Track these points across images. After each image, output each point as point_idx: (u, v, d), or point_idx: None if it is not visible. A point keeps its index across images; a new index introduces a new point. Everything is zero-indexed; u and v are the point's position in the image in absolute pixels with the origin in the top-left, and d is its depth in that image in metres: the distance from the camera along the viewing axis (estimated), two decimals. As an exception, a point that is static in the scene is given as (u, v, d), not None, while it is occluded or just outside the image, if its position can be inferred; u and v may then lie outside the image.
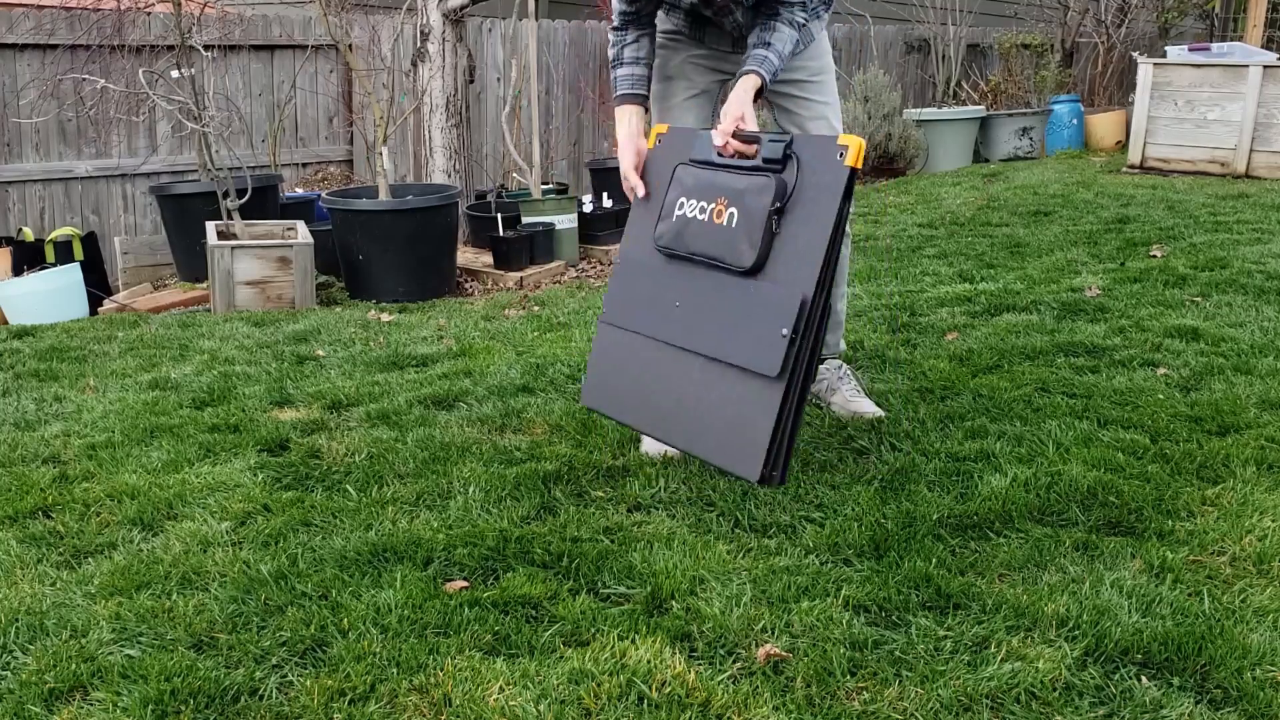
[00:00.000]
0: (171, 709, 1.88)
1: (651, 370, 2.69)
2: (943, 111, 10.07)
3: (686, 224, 2.68)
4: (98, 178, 6.92)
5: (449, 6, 6.61)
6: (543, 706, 1.87)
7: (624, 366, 2.77)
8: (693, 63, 3.11)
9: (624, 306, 2.79)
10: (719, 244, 2.60)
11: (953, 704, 1.87)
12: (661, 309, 2.69)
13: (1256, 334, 3.97)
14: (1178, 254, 5.45)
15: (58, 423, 3.45)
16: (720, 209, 2.61)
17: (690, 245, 2.66)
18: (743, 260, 2.54)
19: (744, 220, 2.56)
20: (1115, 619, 2.09)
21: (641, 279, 2.77)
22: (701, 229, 2.64)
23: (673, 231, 2.70)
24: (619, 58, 2.99)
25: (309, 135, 7.88)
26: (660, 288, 2.71)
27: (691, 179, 2.71)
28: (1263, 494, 2.64)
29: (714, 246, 2.61)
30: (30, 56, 6.56)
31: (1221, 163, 8.52)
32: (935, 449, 2.95)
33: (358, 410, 3.47)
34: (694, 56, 3.11)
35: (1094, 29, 11.54)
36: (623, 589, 2.26)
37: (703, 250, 2.63)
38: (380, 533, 2.53)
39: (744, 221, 2.56)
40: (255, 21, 7.36)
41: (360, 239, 5.70)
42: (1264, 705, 1.86)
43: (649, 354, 2.71)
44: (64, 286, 5.81)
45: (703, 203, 2.65)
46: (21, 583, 2.36)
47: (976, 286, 4.91)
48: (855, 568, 2.33)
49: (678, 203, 2.70)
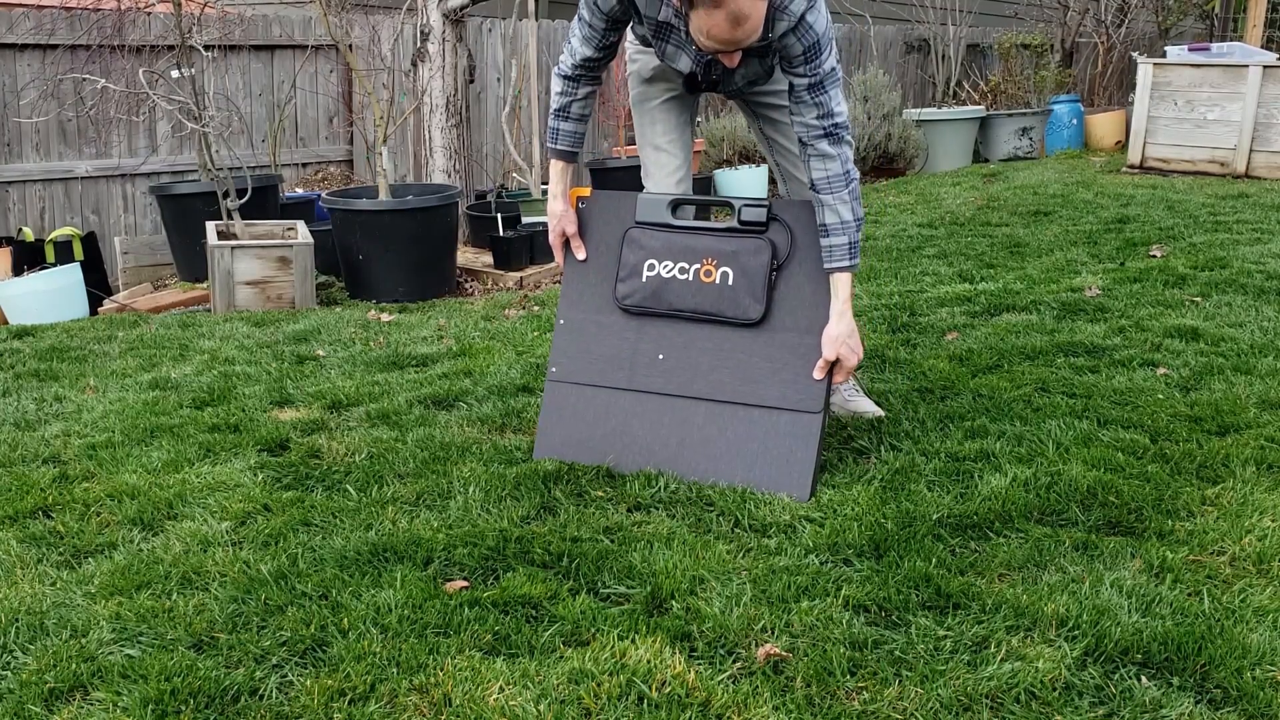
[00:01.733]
0: (171, 709, 1.88)
1: (637, 419, 2.88)
2: (942, 111, 10.07)
3: (664, 284, 2.90)
4: (98, 178, 6.92)
5: (449, 6, 6.61)
6: (543, 706, 1.87)
7: (593, 419, 2.91)
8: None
9: (580, 364, 2.95)
10: (715, 301, 2.86)
11: (952, 704, 1.87)
12: (637, 362, 2.91)
13: (1256, 334, 3.97)
14: (1177, 254, 5.46)
15: (58, 423, 3.46)
16: (709, 269, 2.87)
17: (675, 303, 2.89)
18: (750, 314, 2.83)
19: (743, 279, 2.84)
20: (1115, 619, 2.09)
21: (598, 337, 2.95)
22: (687, 288, 2.88)
23: (645, 291, 2.91)
24: (566, 110, 2.97)
25: (309, 135, 7.88)
26: (630, 344, 2.93)
27: (657, 242, 2.92)
28: (1263, 494, 2.64)
29: (709, 303, 2.86)
30: (30, 56, 6.56)
31: (1221, 163, 8.52)
32: (935, 449, 2.95)
33: (358, 410, 3.47)
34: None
35: (1094, 29, 11.54)
36: (623, 589, 2.26)
37: (693, 307, 2.87)
38: (380, 533, 2.53)
39: (744, 280, 2.84)
40: (255, 21, 7.36)
41: (360, 239, 5.70)
42: (1264, 705, 1.86)
43: (628, 405, 2.90)
44: (64, 286, 5.80)
45: (682, 263, 2.90)
46: (21, 583, 2.36)
47: (976, 286, 4.91)
48: (855, 568, 2.33)
49: (645, 264, 2.91)
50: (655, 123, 3.14)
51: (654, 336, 2.91)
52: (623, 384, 2.91)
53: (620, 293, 2.94)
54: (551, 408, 2.95)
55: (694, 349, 2.87)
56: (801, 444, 2.74)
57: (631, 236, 2.94)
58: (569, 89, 2.96)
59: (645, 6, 2.76)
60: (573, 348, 2.97)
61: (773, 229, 2.86)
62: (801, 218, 2.84)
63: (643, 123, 3.17)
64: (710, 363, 2.85)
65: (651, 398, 2.88)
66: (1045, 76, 10.84)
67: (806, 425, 2.75)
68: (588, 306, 2.98)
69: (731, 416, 2.81)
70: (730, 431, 2.80)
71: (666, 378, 2.88)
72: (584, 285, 3.00)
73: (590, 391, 2.93)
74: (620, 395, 2.90)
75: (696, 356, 2.87)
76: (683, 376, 2.87)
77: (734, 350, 2.85)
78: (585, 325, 2.97)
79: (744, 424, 2.80)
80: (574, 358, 2.96)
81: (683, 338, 2.89)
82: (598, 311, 2.97)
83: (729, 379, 2.83)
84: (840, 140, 2.72)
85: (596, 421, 2.90)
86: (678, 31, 2.77)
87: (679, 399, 2.85)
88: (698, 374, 2.86)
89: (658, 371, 2.89)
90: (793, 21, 2.62)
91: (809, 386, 2.77)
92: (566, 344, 2.98)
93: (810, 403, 2.76)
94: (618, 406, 2.90)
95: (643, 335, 2.92)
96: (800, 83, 2.69)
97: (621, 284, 2.94)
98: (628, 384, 2.91)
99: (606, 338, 2.95)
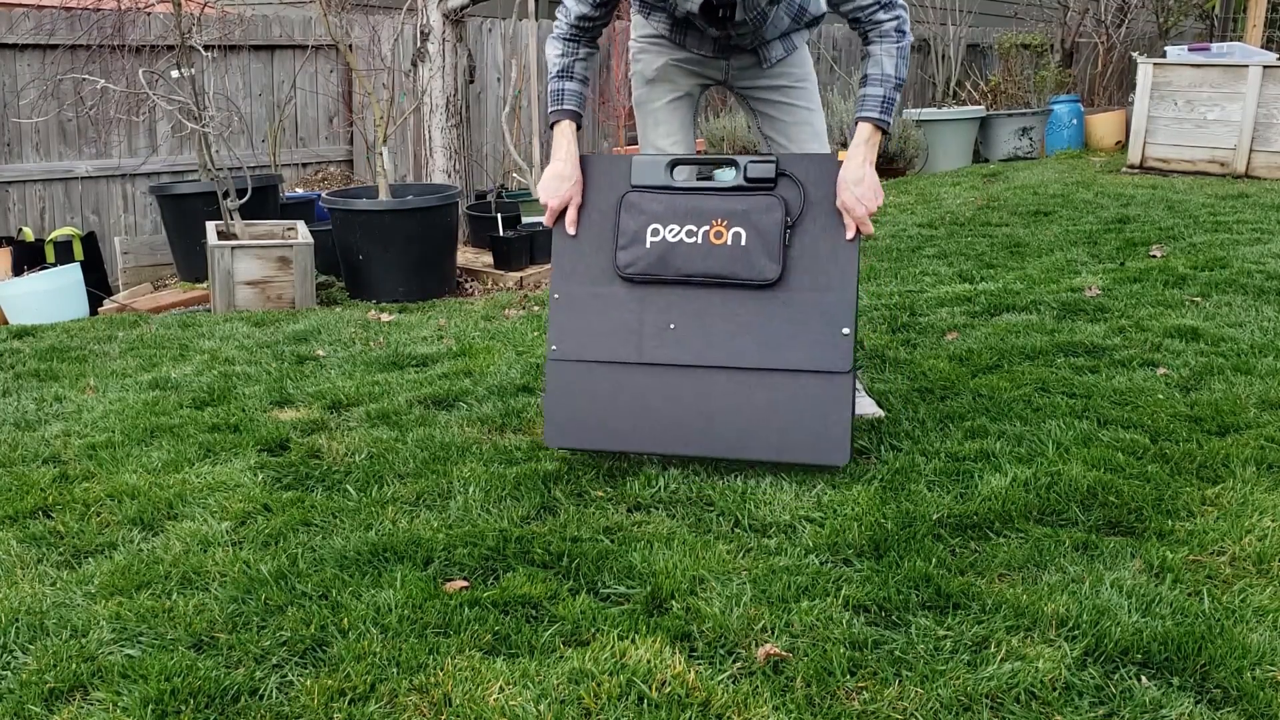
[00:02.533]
0: (171, 709, 1.88)
1: (653, 394, 2.75)
2: (943, 111, 10.07)
3: (671, 249, 2.76)
4: (98, 178, 6.92)
5: (449, 7, 6.61)
6: (543, 706, 1.87)
7: (605, 397, 2.78)
8: (675, 65, 3.09)
9: (583, 340, 2.80)
10: (729, 262, 2.72)
11: (952, 704, 1.87)
12: (645, 334, 2.76)
13: (1256, 334, 3.97)
14: (1177, 254, 5.46)
15: (58, 423, 3.46)
16: (719, 230, 2.74)
17: (684, 268, 2.75)
18: (767, 274, 2.71)
19: (757, 238, 2.72)
20: (1115, 619, 2.09)
21: (601, 310, 2.80)
22: (696, 251, 2.75)
23: (651, 258, 2.76)
24: (568, 70, 2.88)
25: (309, 135, 7.88)
26: (635, 314, 2.78)
27: (658, 205, 2.77)
28: (1263, 494, 2.64)
29: (722, 265, 2.73)
30: (30, 56, 6.56)
31: (1221, 163, 8.52)
32: (935, 449, 2.95)
33: (358, 410, 3.47)
34: (676, 60, 3.08)
35: (1094, 29, 11.54)
36: (623, 589, 2.26)
37: (705, 270, 2.74)
38: (380, 533, 2.53)
39: (758, 239, 2.72)
40: (255, 21, 7.36)
41: (360, 239, 5.70)
42: (1264, 705, 1.86)
43: (642, 380, 2.76)
44: (64, 286, 5.81)
45: (690, 226, 2.76)
46: (22, 583, 2.36)
47: (976, 286, 4.91)
48: (855, 568, 2.33)
49: (648, 229, 2.76)
50: (659, 124, 3.13)
51: (661, 305, 2.78)
52: (632, 358, 2.76)
53: (622, 261, 2.78)
54: (557, 389, 2.81)
55: (708, 315, 2.75)
56: (834, 406, 2.67)
57: (630, 201, 2.79)
58: (569, 49, 2.88)
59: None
60: (573, 323, 2.81)
61: (782, 185, 2.74)
62: (812, 172, 2.74)
63: (645, 124, 3.17)
64: (728, 329, 2.73)
65: (667, 370, 2.75)
66: (1045, 76, 10.84)
67: (838, 386, 2.68)
68: (584, 278, 2.83)
69: (757, 384, 2.70)
70: (758, 399, 2.70)
71: (680, 348, 2.75)
72: (578, 256, 2.84)
73: (598, 368, 2.78)
74: (632, 370, 2.77)
75: (711, 323, 2.74)
76: (698, 345, 2.74)
77: (752, 314, 2.72)
78: (584, 298, 2.82)
79: (771, 390, 2.70)
80: (575, 334, 2.81)
81: (694, 305, 2.76)
82: (596, 283, 2.82)
83: (749, 344, 2.71)
84: (894, 6, 2.75)
85: (608, 400, 2.77)
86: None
87: (697, 369, 2.73)
88: (714, 341, 2.74)
89: (670, 341, 2.76)
90: None
91: (836, 345, 2.68)
92: (565, 320, 2.82)
93: (839, 362, 2.67)
94: (631, 382, 2.76)
95: (648, 305, 2.78)
96: None
97: (623, 252, 2.78)
98: (638, 357, 2.76)
99: (609, 310, 2.80)
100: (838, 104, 9.44)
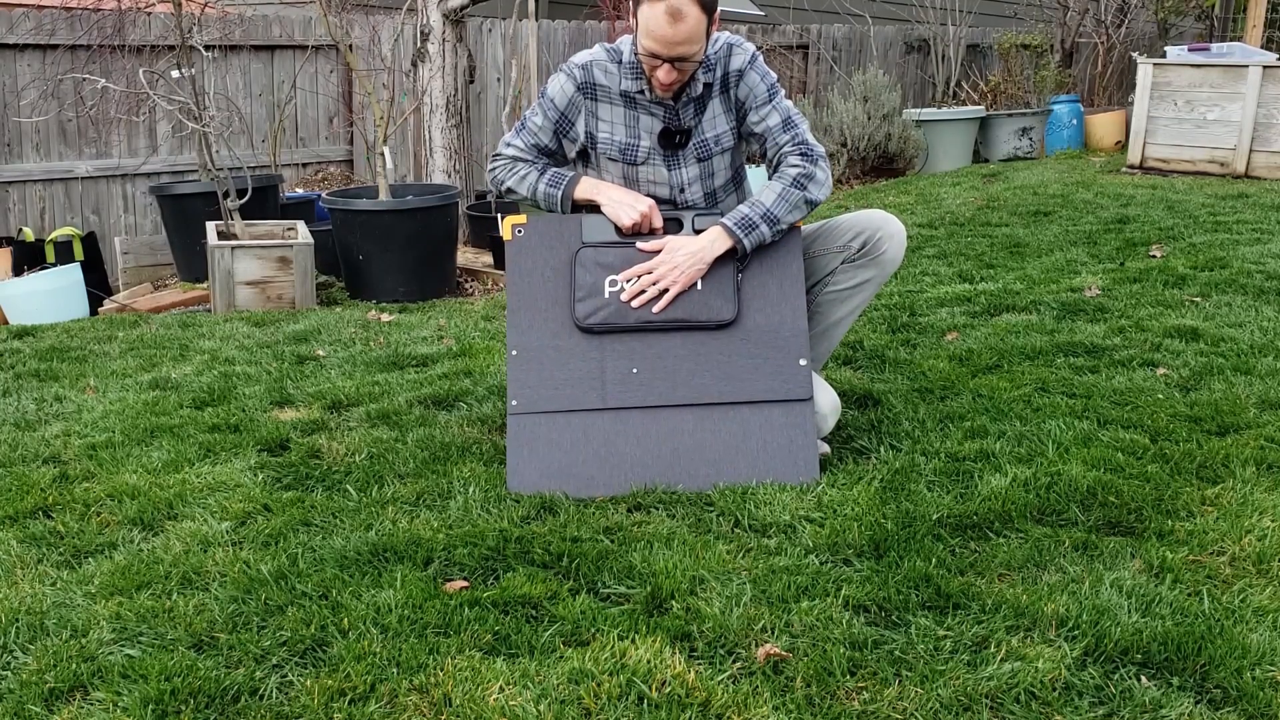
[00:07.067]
0: (171, 709, 1.88)
1: (621, 437, 2.82)
2: (942, 111, 10.07)
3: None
4: (98, 178, 6.93)
5: (449, 6, 6.61)
6: (543, 706, 1.87)
7: (571, 444, 2.81)
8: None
9: (545, 392, 2.85)
10: (687, 307, 2.86)
11: (952, 704, 1.87)
12: (609, 380, 2.85)
13: (1256, 334, 3.97)
14: (1177, 254, 5.46)
15: (58, 423, 3.46)
16: None
17: (644, 315, 2.87)
18: (724, 315, 2.86)
19: (713, 282, 2.87)
20: (1115, 619, 2.09)
21: (559, 361, 2.87)
22: (655, 299, 2.86)
23: (611, 308, 2.86)
24: (543, 168, 2.99)
25: (309, 135, 7.88)
26: (596, 362, 2.86)
27: (613, 258, 2.89)
28: (1262, 494, 2.64)
29: (681, 311, 2.86)
30: (30, 56, 6.56)
31: (1221, 163, 8.52)
32: (935, 449, 2.95)
33: (358, 410, 3.47)
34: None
35: (1094, 29, 11.54)
36: (623, 589, 2.26)
37: (664, 317, 2.87)
38: (380, 533, 2.53)
39: (714, 283, 2.87)
40: (255, 21, 7.36)
41: (360, 239, 5.70)
42: (1264, 705, 1.86)
43: (608, 424, 2.82)
44: (64, 286, 5.81)
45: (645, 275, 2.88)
46: (22, 583, 2.36)
47: (976, 286, 4.91)
48: (855, 568, 2.33)
49: (605, 281, 2.87)
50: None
51: (621, 352, 2.86)
52: (596, 404, 2.82)
53: (581, 313, 2.85)
54: (520, 442, 2.80)
55: (669, 357, 2.85)
56: (799, 431, 2.80)
57: (584, 257, 2.89)
58: (527, 169, 3.00)
59: (604, 77, 2.88)
60: (533, 377, 2.86)
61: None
62: None
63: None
64: (689, 368, 2.84)
65: (633, 413, 2.82)
66: (1045, 76, 10.84)
67: (799, 412, 2.81)
68: (542, 332, 2.88)
69: (722, 417, 2.81)
70: (725, 432, 2.80)
71: (645, 390, 2.83)
72: (534, 312, 2.90)
73: (562, 418, 2.82)
74: (597, 416, 2.82)
75: (673, 364, 2.84)
76: (663, 386, 2.83)
77: (712, 352, 2.85)
78: (542, 351, 2.87)
79: (737, 422, 2.80)
80: (536, 386, 2.85)
81: (653, 349, 2.86)
82: (554, 336, 2.88)
83: (712, 381, 2.83)
84: (812, 158, 2.87)
85: (575, 447, 2.80)
86: (643, 93, 2.86)
87: (663, 409, 2.82)
88: (678, 381, 2.83)
89: (634, 385, 2.83)
90: (748, 56, 2.86)
91: (794, 375, 2.83)
92: (524, 374, 2.87)
93: (799, 390, 2.82)
94: (597, 428, 2.81)
95: (608, 352, 2.86)
96: (773, 120, 2.88)
97: (581, 304, 2.86)
98: (602, 403, 2.82)
99: (569, 361, 2.86)
100: (838, 104, 9.45)
